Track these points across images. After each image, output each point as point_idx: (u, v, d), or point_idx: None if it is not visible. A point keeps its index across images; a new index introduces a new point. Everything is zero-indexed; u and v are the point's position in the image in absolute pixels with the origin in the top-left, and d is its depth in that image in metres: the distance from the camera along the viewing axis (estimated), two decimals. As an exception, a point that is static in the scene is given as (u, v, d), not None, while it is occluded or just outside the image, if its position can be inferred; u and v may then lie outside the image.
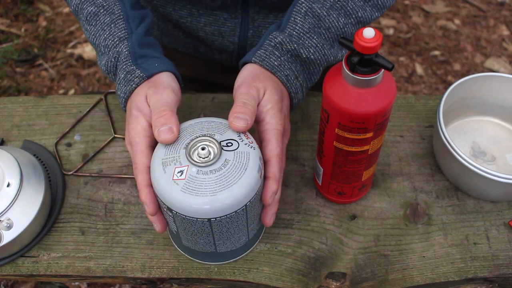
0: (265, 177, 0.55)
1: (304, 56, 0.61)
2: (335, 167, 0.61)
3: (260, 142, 0.57)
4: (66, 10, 2.06)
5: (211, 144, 0.52)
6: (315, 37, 0.61)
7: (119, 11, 0.62)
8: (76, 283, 1.33)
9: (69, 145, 0.74)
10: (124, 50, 0.60)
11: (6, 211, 0.60)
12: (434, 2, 2.09)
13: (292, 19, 0.62)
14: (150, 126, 0.55)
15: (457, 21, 2.02)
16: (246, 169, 0.51)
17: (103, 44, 0.62)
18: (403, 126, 0.75)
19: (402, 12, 2.07)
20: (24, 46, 1.94)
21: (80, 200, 0.69)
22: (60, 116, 0.77)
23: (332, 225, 0.66)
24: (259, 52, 0.60)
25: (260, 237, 0.64)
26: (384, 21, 2.03)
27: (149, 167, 0.53)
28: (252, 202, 0.53)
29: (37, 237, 0.64)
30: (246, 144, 0.53)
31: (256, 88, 0.57)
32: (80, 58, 1.91)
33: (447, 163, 0.67)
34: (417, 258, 0.63)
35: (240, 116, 0.53)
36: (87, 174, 0.71)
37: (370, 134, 0.54)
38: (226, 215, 0.52)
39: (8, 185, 0.61)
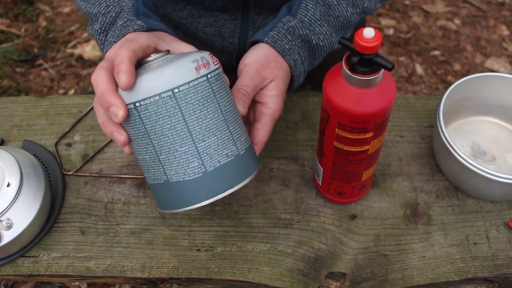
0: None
1: (314, 42, 0.63)
2: (335, 167, 0.61)
3: (254, 120, 0.59)
4: (66, 10, 2.06)
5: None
6: (325, 25, 0.63)
7: None
8: (76, 283, 1.33)
9: (69, 145, 0.74)
10: (129, 3, 0.59)
11: (6, 211, 0.60)
12: (434, 2, 2.09)
13: (304, 5, 0.63)
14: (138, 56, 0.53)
15: (457, 21, 2.02)
16: (180, 58, 0.49)
17: (103, 12, 0.60)
18: (403, 126, 0.75)
19: (402, 12, 2.07)
20: (24, 46, 1.94)
21: (80, 200, 0.69)
22: (60, 116, 0.77)
23: (332, 225, 0.66)
24: (272, 33, 0.61)
25: (232, 188, 0.51)
26: (384, 21, 2.03)
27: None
28: (185, 95, 0.48)
29: (37, 237, 0.64)
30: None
31: (263, 78, 0.58)
32: (80, 58, 1.91)
33: (447, 163, 0.67)
34: (417, 258, 0.63)
35: (241, 103, 0.56)
36: (87, 174, 0.71)
37: (370, 134, 0.55)
38: (150, 97, 0.48)
39: (8, 185, 0.61)
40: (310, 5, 0.62)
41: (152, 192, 0.55)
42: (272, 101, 0.59)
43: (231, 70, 0.76)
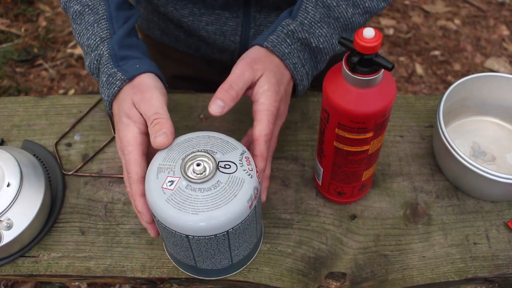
0: (253, 155, 0.55)
1: (314, 45, 0.63)
2: (335, 167, 0.61)
3: (253, 121, 0.59)
4: (66, 10, 2.06)
5: (208, 162, 0.50)
6: (325, 27, 0.63)
7: (103, 11, 0.62)
8: (76, 283, 1.33)
9: (69, 145, 0.74)
10: (105, 53, 0.60)
11: (6, 211, 0.60)
12: (434, 2, 2.09)
13: (304, 7, 0.63)
14: (142, 133, 0.56)
15: (457, 21, 2.02)
16: (235, 196, 0.49)
17: (86, 43, 0.63)
18: (403, 126, 0.75)
19: (402, 12, 2.07)
20: (24, 46, 1.94)
21: (80, 200, 0.69)
22: (60, 116, 0.77)
23: (332, 225, 0.66)
24: (271, 37, 0.62)
25: (247, 264, 0.62)
26: (384, 21, 2.03)
27: (143, 177, 0.54)
28: (236, 230, 0.51)
29: (37, 237, 0.64)
30: (244, 170, 0.51)
31: (253, 69, 0.58)
32: (80, 58, 1.91)
33: (447, 163, 0.67)
34: (417, 258, 0.63)
35: (218, 102, 0.55)
36: (87, 174, 0.71)
37: (370, 134, 0.55)
38: (205, 236, 0.50)
39: (8, 185, 0.61)
40: (310, 7, 0.62)
41: (170, 255, 0.62)
42: (263, 97, 0.58)
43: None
